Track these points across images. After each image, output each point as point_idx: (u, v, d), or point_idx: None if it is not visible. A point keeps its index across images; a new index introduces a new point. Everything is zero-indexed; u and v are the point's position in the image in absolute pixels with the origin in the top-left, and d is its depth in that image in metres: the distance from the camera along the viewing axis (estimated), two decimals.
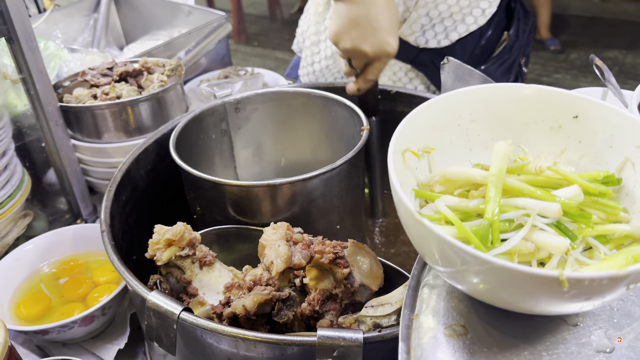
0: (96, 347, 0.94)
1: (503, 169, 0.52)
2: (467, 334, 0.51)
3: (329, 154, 1.19)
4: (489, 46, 1.25)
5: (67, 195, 1.15)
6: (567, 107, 0.58)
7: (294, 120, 1.18)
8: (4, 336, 0.66)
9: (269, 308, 0.73)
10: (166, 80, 1.17)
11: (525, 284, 0.41)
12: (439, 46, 1.25)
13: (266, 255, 0.64)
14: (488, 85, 0.60)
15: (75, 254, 1.07)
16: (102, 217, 0.80)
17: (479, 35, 1.24)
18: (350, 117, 1.07)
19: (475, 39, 1.23)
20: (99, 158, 1.14)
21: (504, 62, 1.23)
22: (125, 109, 1.09)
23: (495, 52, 1.25)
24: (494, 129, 0.62)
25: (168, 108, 1.18)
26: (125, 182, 0.92)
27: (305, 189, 0.86)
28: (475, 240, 0.48)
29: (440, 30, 1.24)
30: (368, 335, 0.59)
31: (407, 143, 0.56)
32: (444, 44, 1.25)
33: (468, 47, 1.23)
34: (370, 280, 0.77)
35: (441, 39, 1.25)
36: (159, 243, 0.76)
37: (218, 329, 0.61)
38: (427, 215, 0.53)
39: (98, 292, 0.98)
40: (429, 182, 0.57)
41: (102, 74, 1.21)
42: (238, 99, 1.13)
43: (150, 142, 1.00)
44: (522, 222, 0.49)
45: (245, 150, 1.20)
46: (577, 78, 3.92)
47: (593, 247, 0.51)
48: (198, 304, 0.76)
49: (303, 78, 1.50)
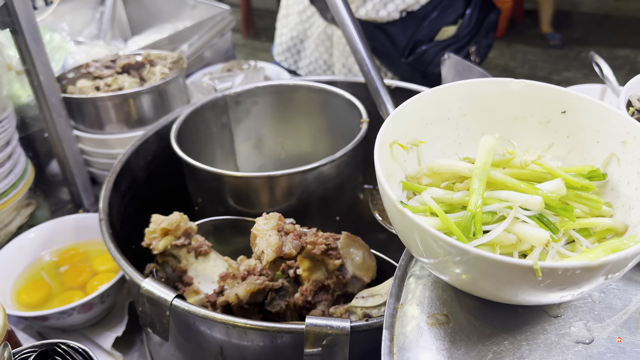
0: (95, 334, 0.96)
1: (488, 162, 0.53)
2: (449, 322, 0.52)
3: (328, 146, 1.20)
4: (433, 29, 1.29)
5: (70, 186, 1.17)
6: (555, 102, 0.59)
7: (294, 114, 1.20)
8: (3, 319, 0.68)
9: (262, 297, 0.74)
10: (168, 73, 1.18)
11: (503, 274, 0.42)
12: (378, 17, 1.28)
13: (257, 245, 0.65)
14: (478, 80, 0.60)
15: (76, 243, 1.09)
16: (101, 206, 0.82)
17: (422, 16, 1.27)
18: (349, 110, 1.08)
19: (418, 20, 1.27)
20: (100, 149, 1.16)
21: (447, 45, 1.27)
22: (127, 100, 1.11)
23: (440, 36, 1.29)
24: (483, 124, 0.62)
25: (169, 100, 1.19)
26: (124, 172, 0.93)
27: (305, 180, 0.88)
28: (457, 232, 0.49)
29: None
30: (355, 324, 0.61)
31: (395, 135, 0.57)
32: (383, 15, 1.28)
33: (410, 27, 1.26)
34: (362, 272, 0.78)
35: (379, 9, 1.28)
36: (155, 232, 0.78)
37: (209, 316, 0.62)
38: (411, 206, 0.53)
39: (97, 280, 1.00)
40: (417, 174, 0.58)
41: (106, 66, 1.22)
42: (238, 92, 1.14)
43: (150, 133, 1.02)
44: (504, 214, 0.50)
45: (245, 143, 1.22)
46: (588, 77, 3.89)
47: (575, 240, 0.51)
48: (193, 293, 0.78)
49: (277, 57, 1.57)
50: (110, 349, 0.92)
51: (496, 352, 0.48)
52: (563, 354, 0.47)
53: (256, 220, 0.68)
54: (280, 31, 1.62)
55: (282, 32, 1.61)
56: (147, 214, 1.00)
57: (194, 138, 1.08)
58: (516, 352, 0.48)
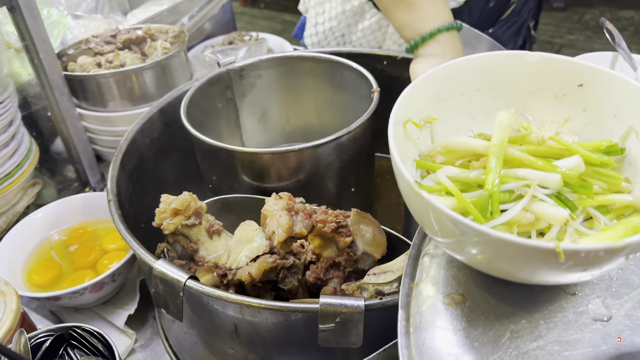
0: (107, 312, 0.97)
1: (505, 140, 0.52)
2: (466, 302, 0.51)
3: (334, 118, 1.19)
4: (497, 9, 1.22)
5: (75, 164, 1.17)
6: (571, 75, 0.58)
7: (299, 86, 1.18)
8: (17, 303, 0.68)
9: (274, 275, 0.74)
10: (169, 48, 1.16)
11: (522, 256, 0.42)
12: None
13: (268, 225, 0.65)
14: (492, 53, 0.59)
15: (84, 222, 1.09)
16: (109, 187, 0.81)
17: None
18: (357, 80, 1.06)
19: (482, 2, 1.21)
20: (104, 127, 1.14)
21: (512, 25, 1.21)
22: (130, 77, 1.09)
23: (504, 15, 1.22)
24: (497, 98, 0.61)
25: (172, 75, 1.17)
26: (131, 151, 0.92)
27: (323, 152, 0.87)
28: (474, 211, 0.48)
29: None
30: (369, 302, 0.61)
31: (408, 113, 0.55)
32: (451, 6, 1.23)
33: (475, 10, 1.20)
34: (373, 248, 0.78)
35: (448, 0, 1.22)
36: (165, 212, 0.78)
37: (223, 297, 0.62)
38: (426, 186, 0.53)
39: (108, 259, 1.00)
40: (431, 152, 0.57)
41: (106, 41, 1.20)
42: (242, 66, 1.12)
43: (155, 110, 1.01)
44: (522, 192, 0.49)
45: (251, 117, 1.20)
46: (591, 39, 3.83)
47: (593, 217, 0.51)
48: (205, 272, 0.78)
49: (307, 40, 1.48)
50: (124, 326, 0.93)
51: (514, 331, 0.48)
52: (581, 332, 0.47)
53: (266, 200, 0.68)
54: (315, 20, 1.44)
55: (318, 20, 1.43)
56: (154, 191, 1.00)
57: (200, 114, 1.06)
58: (534, 330, 0.48)
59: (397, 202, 1.17)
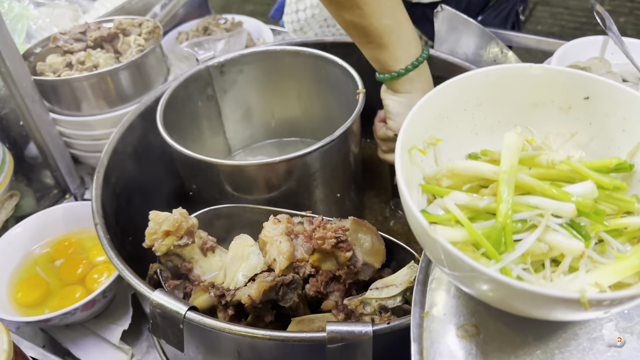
0: (100, 327, 0.94)
1: (515, 165, 0.50)
2: (479, 334, 0.51)
3: (321, 113, 1.16)
4: None
5: (53, 171, 1.12)
6: (577, 87, 0.56)
7: (283, 80, 1.14)
8: (8, 342, 0.65)
9: (274, 293, 0.72)
10: (144, 44, 1.10)
11: (543, 302, 0.41)
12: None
13: (268, 252, 0.62)
14: (495, 67, 0.56)
15: (68, 233, 1.05)
16: (94, 208, 0.78)
17: None
18: (342, 75, 1.02)
19: None
20: (81, 131, 1.09)
21: (500, 11, 1.17)
22: (105, 79, 1.03)
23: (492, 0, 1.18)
24: (500, 111, 0.59)
25: (149, 73, 1.12)
26: (113, 163, 0.88)
27: (304, 163, 0.84)
28: (487, 245, 0.47)
29: None
30: (377, 327, 0.59)
31: (413, 138, 0.53)
32: None
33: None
34: (372, 258, 0.76)
35: None
36: (156, 233, 0.75)
37: (226, 329, 0.61)
38: (435, 215, 0.51)
39: (97, 272, 0.97)
40: (436, 175, 0.55)
41: (75, 38, 1.13)
42: (222, 61, 1.07)
43: (134, 116, 0.96)
44: (535, 222, 0.48)
45: (233, 114, 1.16)
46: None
47: (605, 241, 0.50)
48: (201, 291, 0.76)
49: (287, 25, 1.43)
50: (119, 342, 0.91)
51: None
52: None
53: (264, 225, 0.65)
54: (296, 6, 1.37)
55: (299, 7, 1.36)
56: (141, 200, 0.96)
57: (180, 115, 1.02)
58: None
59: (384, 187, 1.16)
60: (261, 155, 1.21)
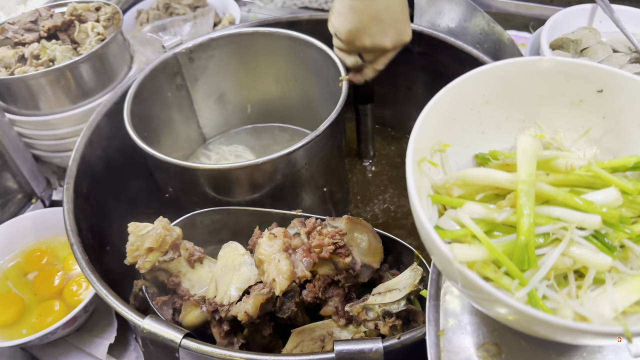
0: (83, 341, 0.89)
1: (533, 173, 0.46)
2: (501, 353, 0.48)
3: (299, 97, 1.10)
4: None
5: (15, 176, 1.03)
6: (591, 80, 0.52)
7: (258, 64, 1.07)
8: None
9: (271, 305, 0.68)
10: (104, 33, 1.01)
11: (579, 335, 0.38)
12: None
13: (266, 272, 0.58)
14: (503, 62, 0.52)
15: (38, 242, 0.98)
16: (68, 227, 0.72)
17: None
18: (322, 59, 0.96)
19: None
20: (42, 131, 1.01)
21: None
22: (64, 74, 0.95)
23: None
24: (507, 108, 0.55)
25: (112, 63, 1.03)
26: (82, 171, 0.81)
27: (288, 162, 0.79)
28: (510, 265, 0.44)
29: None
30: (388, 343, 0.56)
31: (422, 149, 0.49)
32: None
33: None
34: (370, 258, 0.73)
35: None
36: (138, 249, 0.69)
37: (227, 356, 0.56)
38: (450, 231, 0.47)
39: (75, 283, 0.91)
40: (445, 184, 0.51)
41: (26, 28, 1.03)
42: (191, 47, 1.00)
43: (100, 116, 0.89)
44: (558, 235, 0.45)
45: (206, 102, 1.09)
46: None
47: (626, 247, 0.47)
48: (192, 306, 0.71)
49: None
50: (106, 357, 0.86)
51: None
52: None
53: (259, 242, 0.61)
54: None
55: None
56: (115, 205, 0.90)
57: (149, 108, 0.95)
58: None
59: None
60: (237, 143, 1.15)
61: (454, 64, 0.98)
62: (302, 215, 0.77)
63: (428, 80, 1.05)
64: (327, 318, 0.72)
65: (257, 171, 0.77)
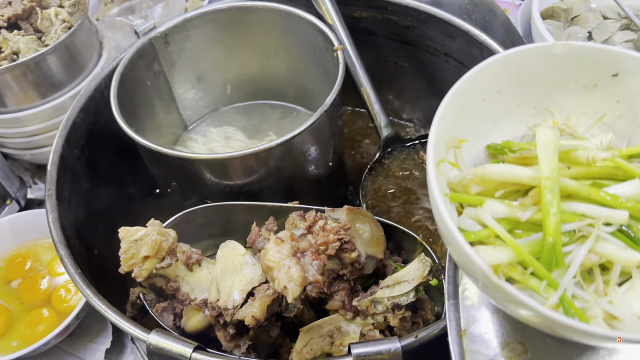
0: (77, 347, 0.86)
1: (556, 169, 0.44)
2: (527, 351, 0.47)
3: (284, 70, 1.05)
4: None
5: None
6: (605, 64, 0.50)
7: (236, 41, 1.01)
8: None
9: (277, 306, 0.66)
10: (70, 20, 0.94)
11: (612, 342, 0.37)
12: None
13: (276, 279, 0.56)
14: (515, 49, 0.49)
15: (19, 247, 0.94)
16: (55, 238, 0.67)
17: None
18: (305, 28, 0.92)
19: None
20: (12, 129, 0.94)
21: None
22: (30, 68, 0.88)
23: None
24: (519, 95, 0.53)
25: (81, 52, 0.97)
26: (62, 174, 0.77)
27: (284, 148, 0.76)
28: (538, 266, 0.42)
29: None
30: (405, 343, 0.55)
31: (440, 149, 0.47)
32: None
33: None
34: (374, 248, 0.71)
35: None
36: (133, 258, 0.66)
37: None
38: (472, 232, 0.45)
39: (63, 288, 0.88)
40: (462, 181, 0.49)
41: None
42: (165, 30, 0.94)
43: (75, 113, 0.83)
44: (584, 232, 0.43)
45: (184, 86, 1.04)
46: None
47: None
48: (194, 311, 0.69)
49: None
50: None
51: None
52: None
53: (266, 248, 0.58)
54: None
55: None
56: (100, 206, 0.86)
57: (130, 101, 0.89)
58: None
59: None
60: (226, 124, 1.10)
61: (443, 37, 0.95)
62: (300, 208, 0.75)
63: (416, 55, 1.02)
64: (332, 312, 0.71)
65: (261, 157, 0.74)
